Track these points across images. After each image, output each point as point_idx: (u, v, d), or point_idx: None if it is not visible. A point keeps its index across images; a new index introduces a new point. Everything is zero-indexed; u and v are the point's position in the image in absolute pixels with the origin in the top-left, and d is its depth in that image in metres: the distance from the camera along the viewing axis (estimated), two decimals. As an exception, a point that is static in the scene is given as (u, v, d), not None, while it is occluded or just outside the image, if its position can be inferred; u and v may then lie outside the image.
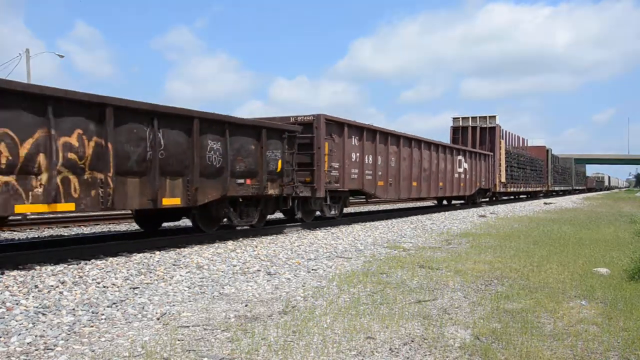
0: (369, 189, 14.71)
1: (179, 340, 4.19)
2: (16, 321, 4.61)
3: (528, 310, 5.06)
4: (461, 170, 22.17)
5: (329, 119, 12.66)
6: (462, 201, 25.08)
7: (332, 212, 13.78)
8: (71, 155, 7.03)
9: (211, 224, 10.24)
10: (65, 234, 12.11)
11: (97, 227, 13.90)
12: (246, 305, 5.37)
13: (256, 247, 9.20)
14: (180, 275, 6.74)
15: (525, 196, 37.27)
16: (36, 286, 5.71)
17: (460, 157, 22.03)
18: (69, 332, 4.40)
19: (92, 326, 4.60)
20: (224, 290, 6.13)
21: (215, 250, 8.58)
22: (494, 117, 29.50)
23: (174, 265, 7.27)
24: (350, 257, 8.71)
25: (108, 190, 7.47)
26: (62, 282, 5.93)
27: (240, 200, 10.50)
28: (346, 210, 15.76)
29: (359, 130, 14.15)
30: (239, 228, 10.87)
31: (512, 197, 34.69)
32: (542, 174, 39.50)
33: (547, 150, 42.40)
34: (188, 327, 4.58)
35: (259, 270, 7.34)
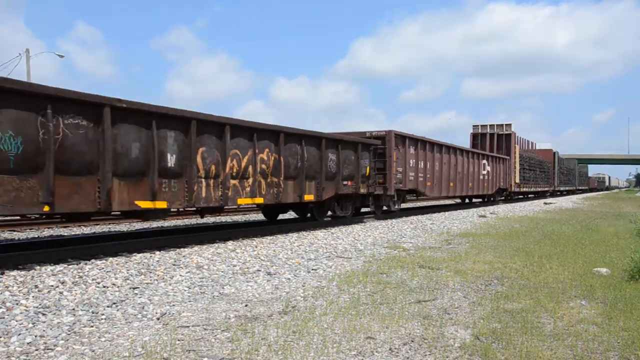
0: (421, 189, 18.31)
1: (179, 340, 4.19)
2: (16, 321, 4.61)
3: (528, 310, 5.06)
4: (485, 172, 25.74)
5: (397, 133, 16.34)
6: (484, 199, 28.45)
7: (396, 206, 17.29)
8: (263, 166, 10.63)
9: (323, 214, 13.78)
10: (65, 234, 12.11)
11: (97, 227, 13.90)
12: (246, 305, 5.37)
13: (256, 247, 9.20)
14: (180, 275, 6.74)
15: (532, 195, 39.42)
16: (36, 286, 5.71)
17: (484, 161, 25.66)
18: (69, 332, 4.40)
19: (92, 326, 4.60)
20: (224, 290, 6.13)
21: (215, 250, 8.58)
22: (510, 125, 33.67)
23: (174, 265, 7.27)
24: (350, 257, 8.71)
25: (279, 189, 11.09)
26: (62, 282, 5.93)
27: (342, 196, 13.91)
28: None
29: (415, 141, 17.84)
30: (340, 215, 14.22)
31: (522, 196, 36.80)
32: (549, 175, 42.52)
33: (554, 153, 45.31)
34: (188, 327, 4.58)
35: (259, 270, 7.34)
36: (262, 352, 3.88)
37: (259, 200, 10.65)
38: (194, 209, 9.88)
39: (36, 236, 11.57)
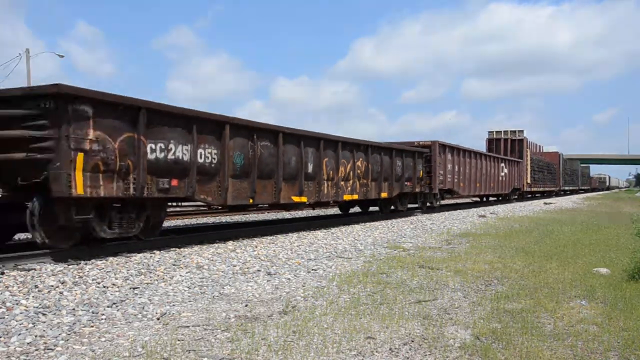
0: (456, 188, 21.98)
1: (179, 340, 4.19)
2: (16, 321, 4.60)
3: (528, 310, 5.06)
4: (503, 174, 29.29)
5: (440, 143, 20.31)
6: (498, 198, 31.98)
7: (437, 203, 20.83)
8: (358, 171, 14.28)
9: (388, 208, 17.73)
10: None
11: None
12: (246, 305, 5.37)
13: (256, 247, 9.20)
14: (180, 275, 6.74)
15: (539, 194, 42.12)
16: (36, 286, 5.71)
17: (502, 164, 29.23)
18: (69, 332, 4.40)
19: (92, 326, 4.60)
20: (224, 290, 6.13)
21: (215, 250, 8.58)
22: (522, 131, 37.96)
23: (174, 265, 7.27)
24: (350, 257, 8.71)
25: (367, 188, 14.83)
26: (62, 282, 5.92)
27: (403, 194, 17.84)
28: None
29: (451, 149, 21.59)
30: (400, 209, 18.02)
31: (531, 195, 39.27)
32: (555, 175, 45.84)
33: (560, 156, 48.71)
34: (188, 327, 4.58)
35: (259, 271, 7.34)
36: (262, 352, 3.88)
37: (355, 196, 14.35)
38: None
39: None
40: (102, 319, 4.81)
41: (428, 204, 20.17)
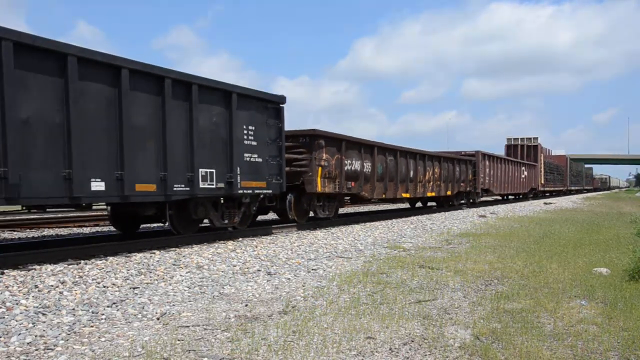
0: (492, 188, 27.20)
1: (179, 340, 4.19)
2: (16, 321, 4.61)
3: (528, 310, 5.06)
4: (523, 176, 34.62)
5: (482, 153, 25.75)
6: (516, 197, 36.55)
7: (478, 199, 26.75)
8: (435, 175, 19.71)
9: (447, 203, 22.99)
10: (65, 234, 12.11)
11: (96, 227, 13.90)
12: (246, 305, 5.37)
13: (256, 247, 9.20)
14: (180, 275, 6.74)
15: (549, 194, 46.91)
16: (36, 286, 5.71)
17: (522, 168, 34.69)
18: (69, 332, 4.40)
19: (92, 326, 4.60)
20: (224, 290, 6.13)
21: (215, 250, 8.58)
22: (537, 138, 43.62)
23: (174, 265, 7.27)
24: (350, 257, 8.71)
25: (440, 188, 20.19)
26: (62, 282, 5.92)
27: (459, 193, 23.18)
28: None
29: (489, 156, 27.02)
30: (456, 204, 23.64)
31: (540, 195, 43.64)
32: (563, 177, 51.60)
33: (567, 159, 54.33)
34: (188, 327, 4.58)
35: (259, 270, 7.34)
36: (262, 352, 3.88)
37: (433, 193, 19.89)
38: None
39: (36, 236, 11.57)
40: (102, 319, 4.81)
41: (471, 201, 25.74)
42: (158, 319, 4.88)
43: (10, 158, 6.36)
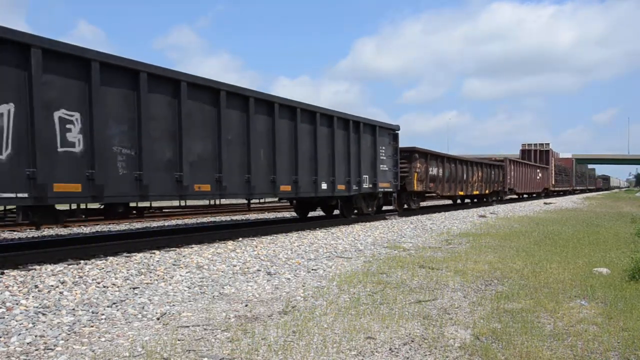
0: (515, 188, 32.74)
1: (179, 340, 4.19)
2: (16, 321, 4.61)
3: (528, 310, 5.06)
4: (538, 178, 40.55)
5: (509, 159, 32.02)
6: (531, 195, 41.81)
7: (506, 197, 32.16)
8: (478, 177, 25.74)
9: (482, 201, 28.31)
10: (65, 233, 12.11)
11: (97, 227, 13.91)
12: (246, 305, 5.37)
13: (256, 247, 9.20)
14: (180, 275, 6.74)
15: (555, 193, 51.75)
16: (36, 286, 5.71)
17: (537, 170, 40.60)
18: (69, 332, 4.40)
19: (92, 326, 4.60)
20: (224, 290, 6.13)
21: (215, 250, 8.58)
22: (548, 143, 49.03)
23: (174, 265, 7.27)
24: (350, 257, 8.71)
25: (482, 188, 26.38)
26: (62, 282, 5.93)
27: (493, 191, 29.08)
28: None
29: (514, 161, 33.06)
30: (490, 201, 29.18)
31: (547, 194, 48.62)
32: (569, 178, 57.02)
33: (573, 161, 59.89)
34: (188, 327, 4.58)
35: (259, 270, 7.34)
36: (262, 352, 3.88)
37: (477, 192, 25.57)
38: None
39: (36, 236, 11.57)
40: (102, 319, 4.81)
41: (499, 198, 30.78)
42: (158, 319, 4.88)
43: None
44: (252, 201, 18.00)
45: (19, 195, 6.57)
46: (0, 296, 5.28)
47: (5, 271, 6.31)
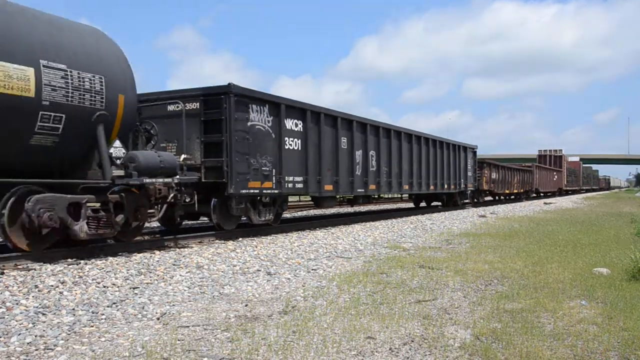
0: (540, 188, 40.80)
1: (179, 340, 4.19)
2: (16, 321, 4.60)
3: (528, 310, 5.06)
4: (555, 179, 48.97)
5: (536, 165, 42.07)
6: (545, 194, 47.74)
7: (532, 194, 39.97)
8: (517, 180, 34.83)
9: (516, 198, 35.99)
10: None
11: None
12: (246, 305, 5.37)
13: (256, 247, 9.20)
14: (180, 275, 6.73)
15: (564, 192, 58.34)
16: (36, 286, 5.70)
17: (554, 173, 49.21)
18: (69, 332, 4.40)
19: (92, 326, 4.60)
20: (224, 290, 6.13)
21: (215, 250, 8.57)
22: (561, 150, 58.99)
23: (174, 265, 7.27)
24: (350, 257, 8.71)
25: (518, 187, 34.90)
26: (62, 282, 5.92)
27: (525, 190, 38.24)
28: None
29: (538, 167, 41.71)
30: (521, 198, 37.06)
31: (555, 193, 54.92)
32: (577, 179, 65.26)
33: (580, 164, 70.12)
34: (188, 327, 4.58)
35: (259, 270, 7.33)
36: (262, 352, 3.88)
37: (516, 190, 33.66)
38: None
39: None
40: (102, 319, 4.81)
41: (526, 195, 37.53)
42: (158, 319, 4.88)
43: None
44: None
45: (359, 191, 14.67)
46: (0, 296, 5.28)
47: (5, 271, 6.31)
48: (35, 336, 4.26)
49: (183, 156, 9.48)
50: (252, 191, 10.35)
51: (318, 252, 9.20)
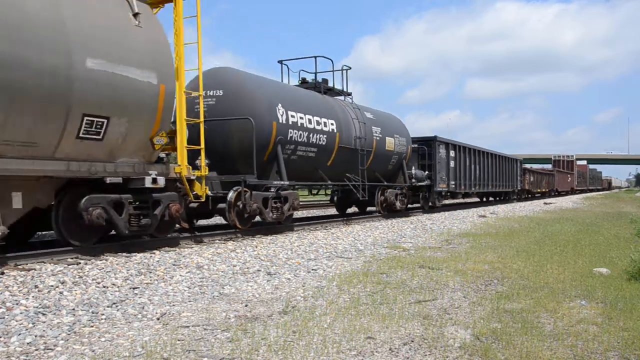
0: (559, 188, 50.14)
1: (179, 340, 4.19)
2: (16, 321, 4.60)
3: (528, 310, 5.06)
4: (568, 180, 56.19)
5: (556, 170, 53.88)
6: (559, 193, 53.57)
7: (554, 193, 49.04)
8: (545, 182, 45.26)
9: (542, 195, 44.89)
10: (65, 234, 12.09)
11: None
12: (246, 305, 5.37)
13: (256, 247, 9.20)
14: (180, 275, 6.73)
15: (565, 192, 64.59)
16: (36, 286, 5.70)
17: (568, 175, 57.10)
18: (69, 332, 4.40)
19: (92, 326, 4.60)
20: (224, 290, 6.13)
21: (215, 250, 8.58)
22: (573, 155, 66.73)
23: (174, 265, 7.27)
24: (350, 257, 8.71)
25: (545, 188, 45.18)
26: (62, 282, 5.92)
27: (550, 190, 49.82)
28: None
29: (558, 171, 53.53)
30: (547, 196, 46.56)
31: (564, 193, 60.51)
32: (585, 180, 73.24)
33: (587, 166, 79.50)
34: (188, 327, 4.58)
35: (259, 270, 7.34)
36: (262, 352, 3.88)
37: (543, 190, 43.24)
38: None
39: (36, 236, 11.56)
40: (102, 319, 4.81)
41: (550, 195, 44.56)
42: (158, 319, 4.88)
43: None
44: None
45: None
46: (0, 296, 5.28)
47: (5, 271, 6.31)
48: (35, 336, 4.26)
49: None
50: (440, 189, 20.76)
51: (318, 252, 9.20)
